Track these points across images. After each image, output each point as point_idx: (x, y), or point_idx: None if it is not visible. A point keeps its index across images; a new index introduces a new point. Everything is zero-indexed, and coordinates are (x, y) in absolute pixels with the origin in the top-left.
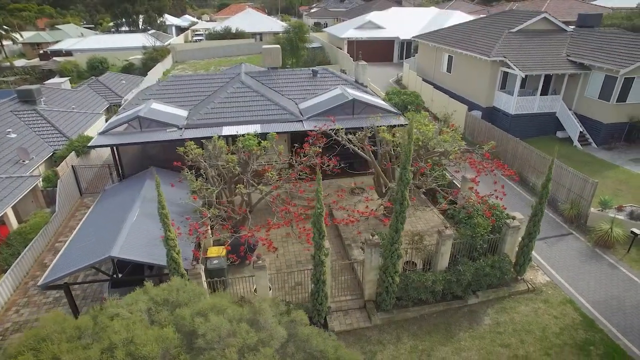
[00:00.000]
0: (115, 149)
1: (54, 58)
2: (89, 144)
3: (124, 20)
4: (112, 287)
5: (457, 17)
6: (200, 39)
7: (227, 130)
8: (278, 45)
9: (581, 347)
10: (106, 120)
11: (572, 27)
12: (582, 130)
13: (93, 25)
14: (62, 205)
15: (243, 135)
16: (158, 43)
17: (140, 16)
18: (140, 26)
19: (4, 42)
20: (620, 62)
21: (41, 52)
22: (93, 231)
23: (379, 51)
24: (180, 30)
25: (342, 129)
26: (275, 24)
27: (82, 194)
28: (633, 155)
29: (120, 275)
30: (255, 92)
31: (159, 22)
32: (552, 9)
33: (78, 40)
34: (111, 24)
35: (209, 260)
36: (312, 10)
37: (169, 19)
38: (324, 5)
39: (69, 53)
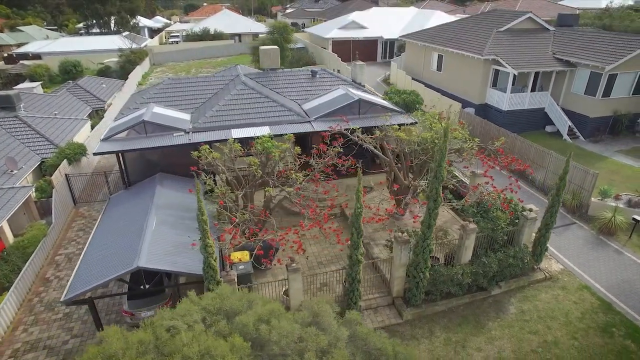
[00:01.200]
0: (121, 156)
1: (22, 61)
2: (95, 151)
3: (94, 21)
4: (128, 299)
5: (438, 16)
6: (177, 41)
7: (237, 133)
8: (276, 47)
9: (604, 330)
10: (92, 127)
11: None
12: (570, 124)
13: (56, 27)
14: (58, 216)
15: (259, 138)
16: (134, 45)
17: (112, 17)
18: (112, 28)
19: None
20: (606, 59)
21: (5, 55)
22: (109, 241)
23: (363, 51)
24: (153, 32)
25: (358, 128)
26: (253, 25)
27: (75, 204)
28: (618, 147)
29: (147, 286)
30: (259, 94)
31: (132, 23)
32: (524, 8)
33: (47, 42)
34: (80, 25)
35: (234, 266)
36: (288, 11)
37: (142, 21)
38: (300, 6)
39: (36, 56)
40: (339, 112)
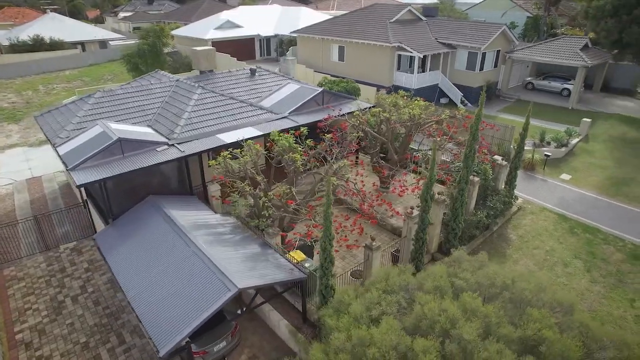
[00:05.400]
0: (102, 185)
1: None
2: (78, 183)
3: None
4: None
5: (306, 13)
6: None
7: (227, 137)
8: (212, 47)
9: (571, 232)
10: None
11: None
12: (461, 95)
13: None
14: None
15: (280, 136)
16: None
17: None
18: None
19: None
20: (479, 41)
21: None
22: (156, 279)
23: (242, 49)
24: None
25: (356, 112)
26: (100, 32)
27: None
28: (497, 108)
29: (245, 309)
30: (222, 96)
31: None
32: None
33: None
34: None
35: (300, 264)
36: (125, 14)
37: None
38: (136, 9)
39: None
40: (307, 105)
